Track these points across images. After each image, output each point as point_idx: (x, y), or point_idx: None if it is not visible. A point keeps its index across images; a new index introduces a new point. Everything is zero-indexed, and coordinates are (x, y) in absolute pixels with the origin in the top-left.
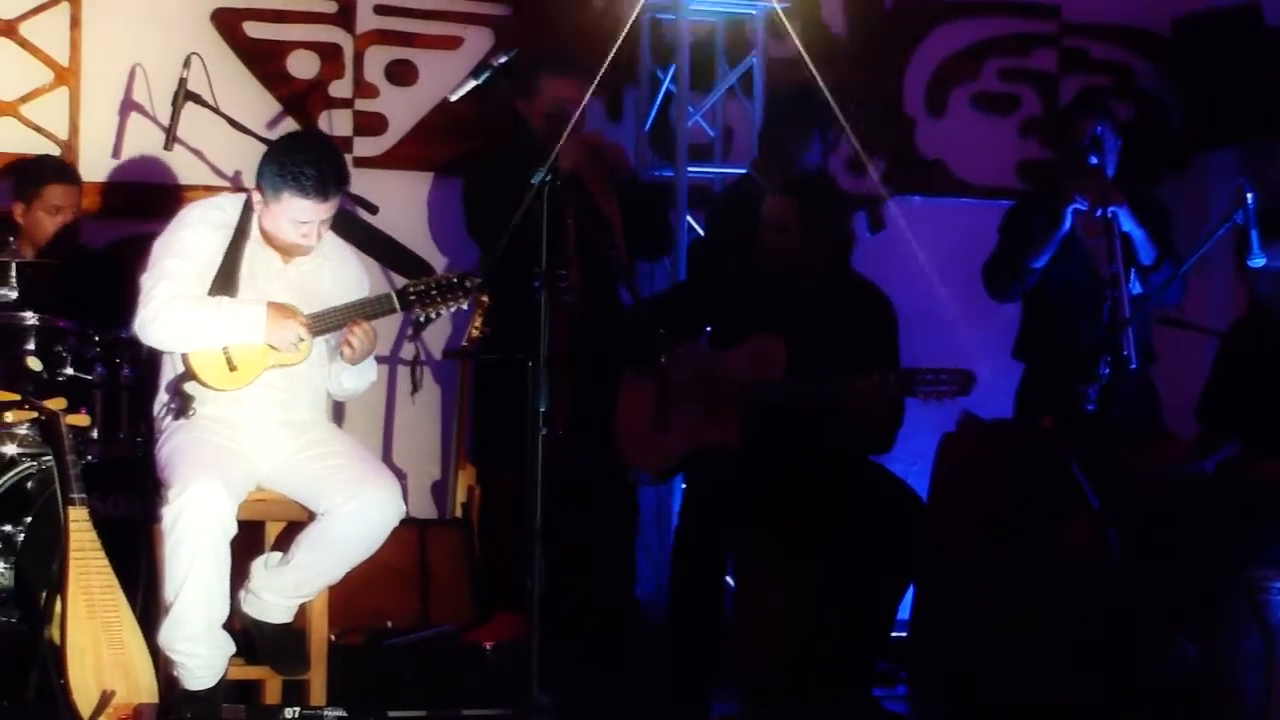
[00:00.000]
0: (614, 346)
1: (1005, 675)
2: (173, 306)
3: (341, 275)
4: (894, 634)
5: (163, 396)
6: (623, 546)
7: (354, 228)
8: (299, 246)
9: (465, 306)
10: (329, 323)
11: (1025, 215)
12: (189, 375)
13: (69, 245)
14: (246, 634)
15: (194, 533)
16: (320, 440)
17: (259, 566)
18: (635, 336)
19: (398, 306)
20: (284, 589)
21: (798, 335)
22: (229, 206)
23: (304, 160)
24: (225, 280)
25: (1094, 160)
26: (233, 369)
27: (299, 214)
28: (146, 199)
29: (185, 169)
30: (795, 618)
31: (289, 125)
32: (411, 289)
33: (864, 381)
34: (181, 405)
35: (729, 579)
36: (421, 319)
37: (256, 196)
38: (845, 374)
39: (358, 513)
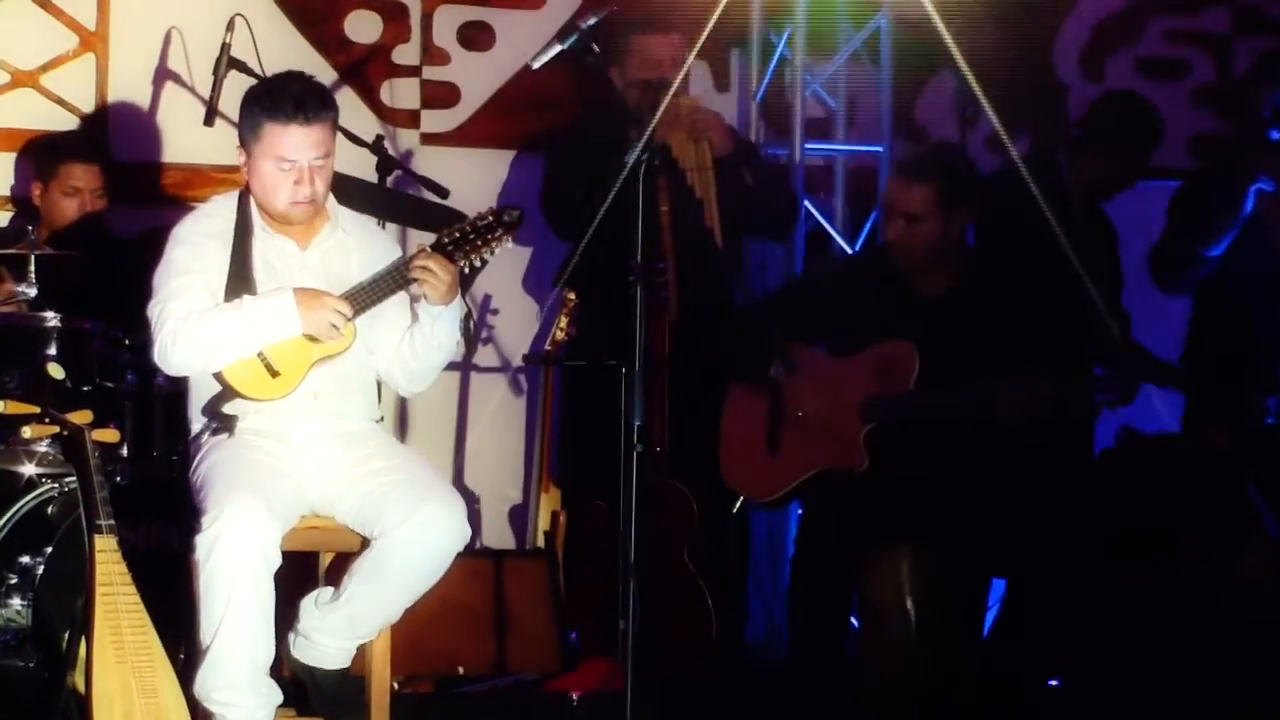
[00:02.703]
0: (719, 353)
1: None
2: (191, 322)
3: (367, 250)
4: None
5: (198, 423)
6: (731, 582)
7: (369, 198)
8: (298, 209)
9: (509, 243)
10: (369, 297)
11: (1198, 197)
12: (228, 393)
13: (94, 234)
14: (297, 682)
15: (231, 564)
16: (377, 453)
17: (309, 605)
18: (743, 342)
19: None
20: (338, 629)
21: (930, 339)
22: (220, 210)
23: (278, 84)
24: (239, 281)
25: (1276, 135)
26: (275, 374)
27: (284, 149)
28: (184, 182)
29: (228, 147)
30: (928, 664)
31: (347, 97)
32: (445, 237)
33: (1011, 393)
34: (222, 425)
35: (852, 619)
36: (465, 269)
37: (240, 159)
38: (989, 384)
39: (416, 534)
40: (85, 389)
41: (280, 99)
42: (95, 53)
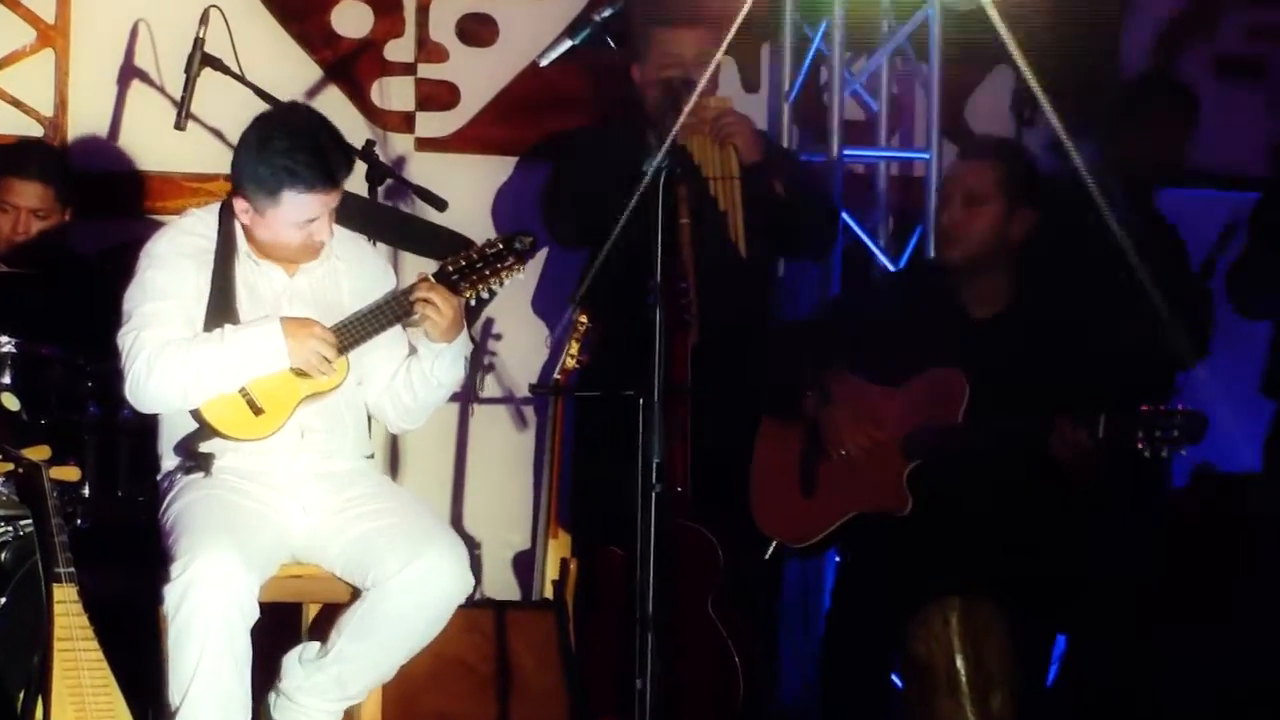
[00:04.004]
0: (747, 382)
1: None
2: (167, 354)
3: (360, 276)
4: None
5: (169, 460)
6: (760, 637)
7: (360, 215)
8: (309, 249)
9: (521, 274)
10: (363, 331)
11: None
12: (206, 432)
13: (53, 250)
14: None
15: (203, 617)
16: (368, 495)
17: (292, 662)
18: (774, 370)
19: None
20: (324, 689)
21: (981, 365)
22: (201, 225)
23: (292, 145)
24: (220, 310)
25: None
26: (258, 412)
27: (305, 212)
28: (153, 192)
29: (201, 154)
30: None
31: (334, 97)
32: (450, 265)
33: (1065, 427)
34: (197, 464)
35: (894, 678)
36: (471, 300)
37: (241, 206)
38: (1045, 416)
39: (413, 583)
40: (43, 422)
41: (302, 167)
42: (54, 48)
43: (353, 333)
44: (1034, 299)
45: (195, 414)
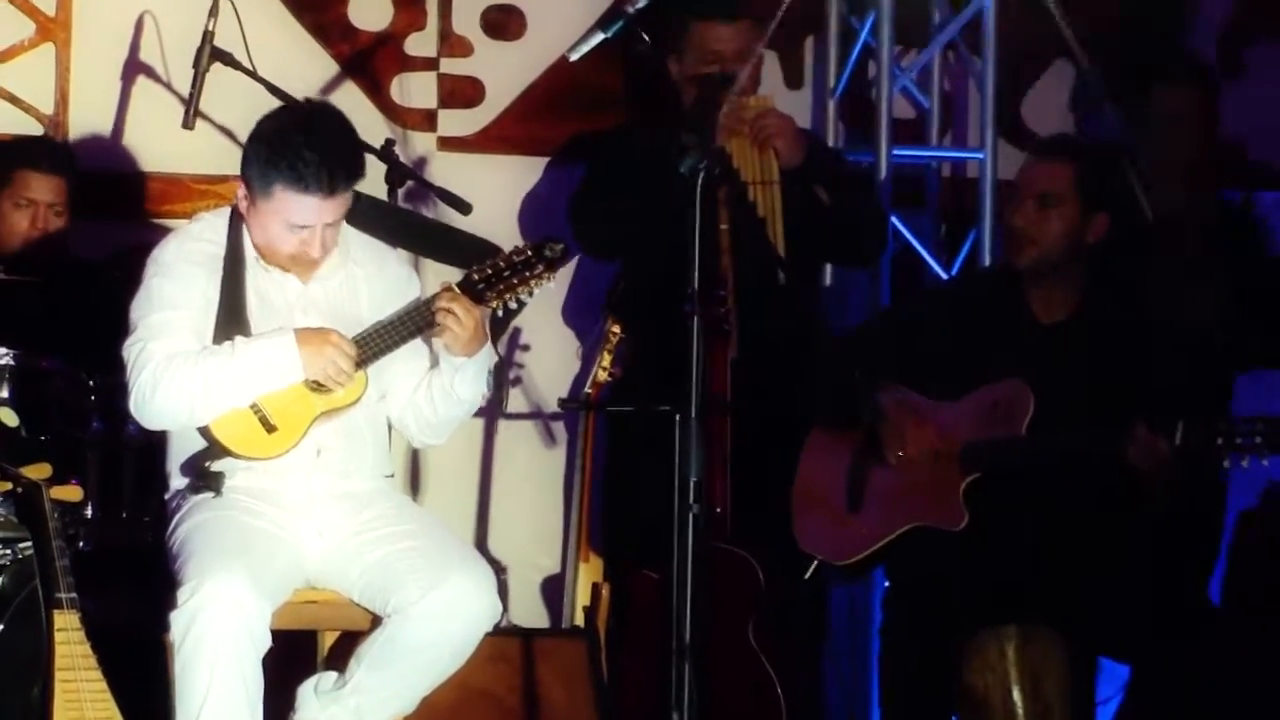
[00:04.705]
0: (793, 396)
1: None
2: (175, 367)
3: (380, 284)
4: None
5: (177, 480)
6: (805, 664)
7: (379, 220)
8: (301, 261)
9: (551, 283)
10: (381, 344)
11: None
12: (216, 450)
13: (55, 255)
14: None
15: (212, 645)
16: (388, 517)
17: (307, 692)
18: (823, 384)
19: None
20: None
21: (1048, 374)
22: (210, 230)
23: (302, 141)
24: (230, 320)
25: None
26: (271, 429)
27: (296, 214)
28: (159, 194)
29: (209, 154)
30: None
31: (351, 94)
32: (476, 274)
33: (1142, 434)
34: (206, 483)
35: (951, 711)
36: (499, 311)
37: (240, 192)
38: (1115, 426)
39: (438, 610)
40: (43, 438)
41: (301, 165)
42: (55, 42)
43: (372, 346)
44: (1105, 301)
45: (204, 431)
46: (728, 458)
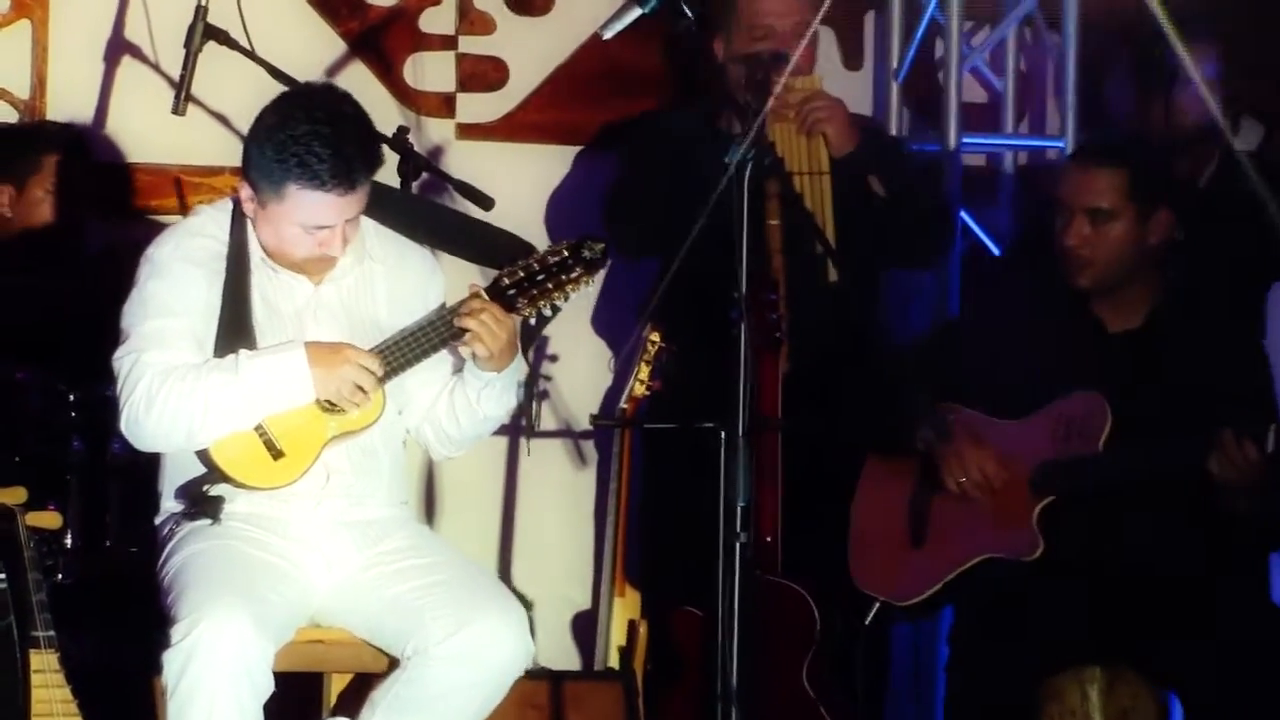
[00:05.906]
0: (848, 415)
1: None
2: (172, 383)
3: (400, 280)
4: None
5: (170, 503)
6: (864, 708)
7: (398, 214)
8: (318, 262)
9: (589, 285)
10: (402, 357)
11: None
12: (215, 476)
13: (30, 252)
14: None
15: (209, 689)
16: (405, 548)
17: None
18: (882, 402)
19: None
20: None
21: (1122, 387)
22: (212, 225)
23: (312, 132)
24: (234, 328)
25: None
26: (278, 455)
27: (314, 215)
28: (148, 188)
29: (202, 143)
30: None
31: (360, 75)
32: (507, 278)
33: (1229, 442)
34: (202, 510)
35: None
36: (531, 318)
37: (245, 194)
38: (1199, 438)
39: (465, 652)
40: (17, 459)
41: (315, 160)
42: (31, 20)
43: (392, 360)
44: (1184, 307)
45: (203, 455)
46: (779, 481)
